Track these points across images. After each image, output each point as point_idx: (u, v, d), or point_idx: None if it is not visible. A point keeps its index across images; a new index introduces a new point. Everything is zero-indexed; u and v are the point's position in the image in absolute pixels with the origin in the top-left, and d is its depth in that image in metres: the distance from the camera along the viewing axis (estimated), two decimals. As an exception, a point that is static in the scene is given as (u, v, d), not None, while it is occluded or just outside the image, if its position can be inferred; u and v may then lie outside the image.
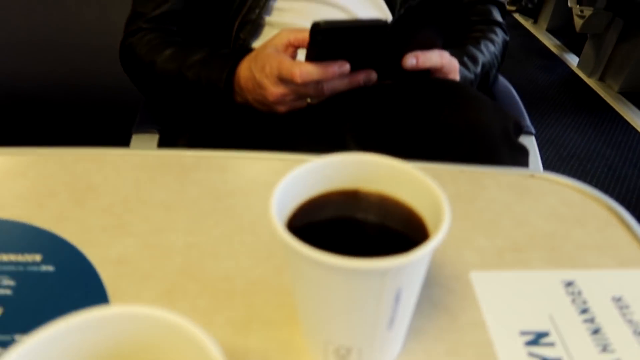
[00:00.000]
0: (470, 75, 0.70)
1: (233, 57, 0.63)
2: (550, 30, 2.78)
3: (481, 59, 0.73)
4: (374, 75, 0.56)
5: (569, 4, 2.23)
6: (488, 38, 0.78)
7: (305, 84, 0.53)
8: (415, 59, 0.54)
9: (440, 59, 0.56)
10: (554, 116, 2.01)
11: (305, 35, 0.56)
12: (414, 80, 0.56)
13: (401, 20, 0.49)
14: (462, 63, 0.70)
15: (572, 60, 2.44)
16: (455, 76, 0.61)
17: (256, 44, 0.73)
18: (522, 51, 2.58)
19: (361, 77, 0.55)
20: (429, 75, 0.58)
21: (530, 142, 0.73)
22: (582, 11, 2.16)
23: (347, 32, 0.49)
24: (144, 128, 0.74)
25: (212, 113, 0.69)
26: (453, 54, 0.71)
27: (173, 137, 0.72)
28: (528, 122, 0.76)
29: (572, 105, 2.08)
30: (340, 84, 0.55)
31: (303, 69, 0.52)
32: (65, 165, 0.44)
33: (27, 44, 0.95)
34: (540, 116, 2.01)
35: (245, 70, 0.60)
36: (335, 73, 0.52)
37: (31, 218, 0.38)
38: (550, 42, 2.66)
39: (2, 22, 0.94)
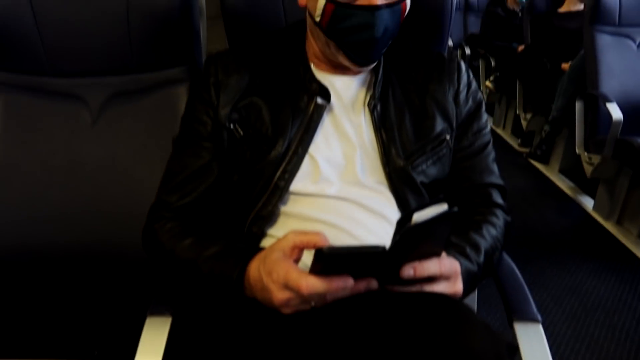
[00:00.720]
0: (474, 268, 0.72)
1: (245, 255, 0.68)
2: (563, 172, 2.86)
3: (483, 246, 0.76)
4: (374, 284, 0.59)
5: (577, 151, 2.32)
6: (490, 222, 0.82)
7: (310, 295, 0.57)
8: (413, 270, 0.57)
9: (438, 268, 0.59)
10: (573, 262, 1.99)
11: (311, 238, 0.60)
12: (413, 286, 0.59)
13: (399, 243, 0.53)
14: (464, 255, 0.73)
15: (588, 203, 2.47)
16: (456, 281, 0.64)
17: (271, 231, 0.78)
18: (535, 193, 2.64)
19: (362, 286, 0.58)
20: (429, 280, 0.61)
21: (535, 332, 0.72)
22: (590, 158, 2.24)
23: (349, 257, 0.54)
24: (159, 311, 0.77)
25: (222, 302, 0.72)
26: (455, 243, 0.75)
27: (185, 324, 0.75)
28: (533, 307, 0.76)
29: (591, 250, 2.07)
30: (343, 293, 0.58)
31: (309, 282, 0.56)
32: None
33: (61, 215, 1.03)
34: (559, 262, 1.99)
35: (255, 270, 0.64)
36: (340, 287, 0.56)
37: None
38: (563, 184, 2.73)
39: (38, 195, 1.03)
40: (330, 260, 0.55)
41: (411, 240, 0.54)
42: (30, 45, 1.01)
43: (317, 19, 0.76)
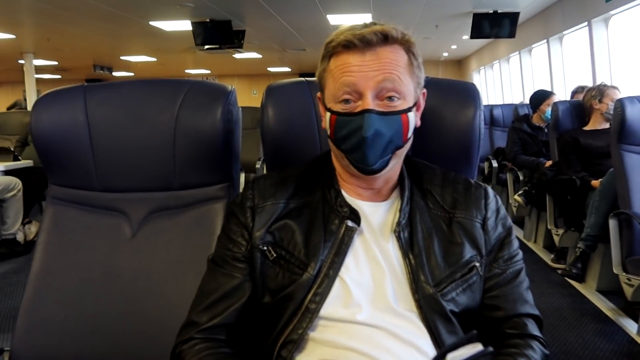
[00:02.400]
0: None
1: None
2: (601, 291, 2.74)
3: (520, 386, 0.72)
4: None
5: (614, 271, 2.25)
6: (526, 355, 0.79)
7: None
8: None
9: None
10: (620, 393, 1.84)
11: None
12: None
13: None
14: None
15: (631, 327, 2.33)
16: None
17: (300, 358, 0.77)
18: (573, 313, 2.52)
19: None
20: None
21: None
22: (629, 279, 2.16)
23: None
24: None
25: None
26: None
27: None
28: None
29: (639, 380, 1.92)
30: None
31: None
32: None
33: (93, 327, 1.04)
34: (605, 392, 1.84)
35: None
36: None
37: None
38: (603, 305, 2.60)
39: (72, 305, 1.05)
40: None
41: None
42: (83, 164, 1.09)
43: (328, 132, 0.83)
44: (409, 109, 0.82)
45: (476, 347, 0.52)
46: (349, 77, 0.79)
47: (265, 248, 0.83)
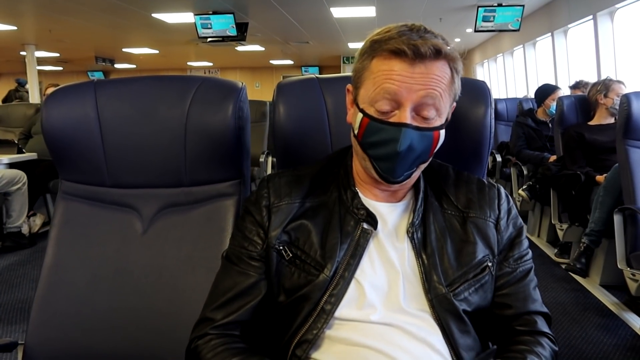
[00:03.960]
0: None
1: None
2: (605, 286, 2.75)
3: (530, 383, 0.73)
4: None
5: (618, 266, 2.25)
6: (535, 352, 0.80)
7: None
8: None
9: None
10: (624, 388, 1.86)
11: None
12: None
13: None
14: None
15: (634, 321, 2.34)
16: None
17: (315, 355, 0.78)
18: (576, 308, 2.53)
19: None
20: None
21: None
22: (633, 274, 2.16)
23: None
24: None
25: None
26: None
27: None
28: None
29: (642, 374, 1.93)
30: None
31: None
32: None
33: (104, 322, 1.05)
34: (608, 387, 1.86)
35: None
36: None
37: None
38: (606, 299, 2.61)
39: (84, 300, 1.06)
40: None
41: None
42: (94, 160, 1.10)
43: (356, 132, 0.82)
44: (442, 126, 0.81)
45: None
46: (392, 86, 0.76)
47: (281, 247, 0.83)
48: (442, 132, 0.82)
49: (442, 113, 0.80)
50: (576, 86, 3.92)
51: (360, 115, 0.80)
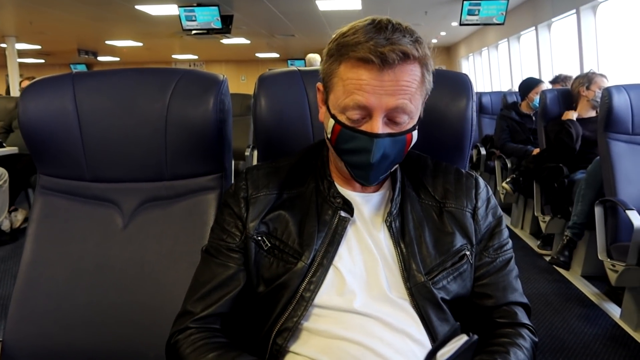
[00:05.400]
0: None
1: None
2: (586, 277, 2.79)
3: (512, 374, 0.74)
4: None
5: (599, 257, 2.29)
6: (517, 344, 0.80)
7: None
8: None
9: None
10: (604, 376, 1.89)
11: None
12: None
13: None
14: None
15: (614, 311, 2.39)
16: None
17: (294, 348, 0.78)
18: (558, 298, 2.56)
19: None
20: None
21: None
22: (613, 265, 2.20)
23: None
24: None
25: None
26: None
27: None
28: None
29: (622, 363, 1.97)
30: None
31: None
32: None
33: (85, 318, 1.04)
34: (589, 376, 1.89)
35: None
36: None
37: None
38: (587, 290, 2.65)
39: (64, 296, 1.05)
40: None
41: None
42: (73, 154, 1.08)
43: (329, 136, 0.82)
44: (414, 127, 0.81)
45: (461, 339, 0.53)
46: (362, 97, 0.75)
47: (259, 238, 0.83)
48: (415, 132, 0.82)
49: (414, 115, 0.80)
50: (555, 80, 3.95)
51: (332, 121, 0.80)
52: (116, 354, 1.01)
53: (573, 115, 3.03)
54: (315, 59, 4.75)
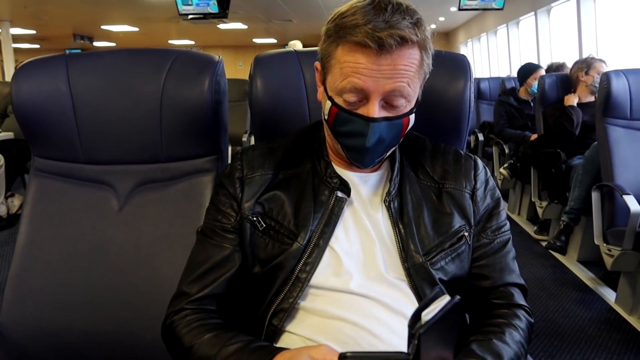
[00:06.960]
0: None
1: (267, 354, 0.67)
2: (582, 262, 2.80)
3: (507, 355, 0.74)
4: None
5: (595, 242, 2.30)
6: (512, 325, 0.81)
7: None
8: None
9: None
10: (599, 359, 1.91)
11: None
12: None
13: (419, 347, 0.53)
14: None
15: (609, 295, 2.40)
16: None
17: (290, 327, 0.78)
18: (554, 283, 2.58)
19: None
20: None
21: None
22: (609, 250, 2.21)
23: None
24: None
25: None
26: (478, 354, 0.73)
27: None
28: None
29: (617, 346, 1.98)
30: None
31: None
32: None
33: (81, 300, 1.04)
34: (582, 359, 1.90)
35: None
36: None
37: None
38: (583, 274, 2.67)
39: (60, 277, 1.05)
40: None
41: (429, 341, 0.54)
42: (67, 136, 1.07)
43: (326, 117, 0.81)
44: (411, 111, 0.80)
45: (444, 299, 0.54)
46: (359, 80, 0.74)
47: (254, 218, 0.83)
48: (412, 116, 0.81)
49: (411, 98, 0.79)
50: (548, 69, 3.92)
51: (329, 103, 0.79)
52: (112, 336, 1.01)
53: (574, 100, 3.01)
54: (296, 47, 4.71)
